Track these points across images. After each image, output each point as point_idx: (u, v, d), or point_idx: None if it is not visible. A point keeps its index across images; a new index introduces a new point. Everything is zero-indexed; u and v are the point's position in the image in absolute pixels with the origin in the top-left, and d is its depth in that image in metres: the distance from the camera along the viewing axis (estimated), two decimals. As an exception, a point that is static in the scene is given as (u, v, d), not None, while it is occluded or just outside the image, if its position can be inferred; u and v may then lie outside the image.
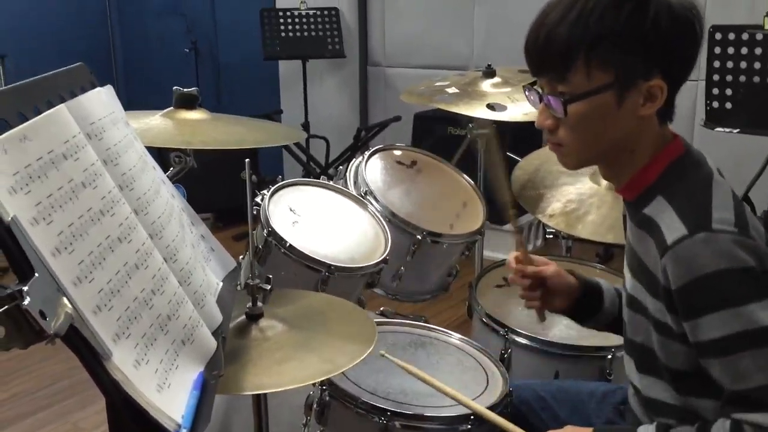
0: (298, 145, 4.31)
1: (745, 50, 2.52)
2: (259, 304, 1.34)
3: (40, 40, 4.99)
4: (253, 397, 1.42)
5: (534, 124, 1.24)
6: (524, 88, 1.26)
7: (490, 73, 2.38)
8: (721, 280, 1.06)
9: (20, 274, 0.76)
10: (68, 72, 1.09)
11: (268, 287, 1.35)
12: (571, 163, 1.24)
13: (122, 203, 0.98)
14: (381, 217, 2.01)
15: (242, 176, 1.36)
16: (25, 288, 0.73)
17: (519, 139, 3.00)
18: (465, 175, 2.32)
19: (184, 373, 0.98)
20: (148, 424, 0.85)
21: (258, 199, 1.84)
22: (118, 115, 1.13)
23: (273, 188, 1.92)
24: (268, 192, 1.88)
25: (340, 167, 2.22)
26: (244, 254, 1.80)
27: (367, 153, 2.21)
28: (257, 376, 1.20)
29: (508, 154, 2.49)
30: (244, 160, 1.37)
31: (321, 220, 1.95)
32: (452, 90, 2.34)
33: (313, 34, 4.49)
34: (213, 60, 5.29)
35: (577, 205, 2.06)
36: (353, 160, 2.19)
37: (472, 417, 1.39)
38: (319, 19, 4.49)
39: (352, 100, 4.75)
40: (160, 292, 0.99)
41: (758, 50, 2.49)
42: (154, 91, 4.95)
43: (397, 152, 2.30)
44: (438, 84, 2.41)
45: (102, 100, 1.09)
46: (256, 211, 1.82)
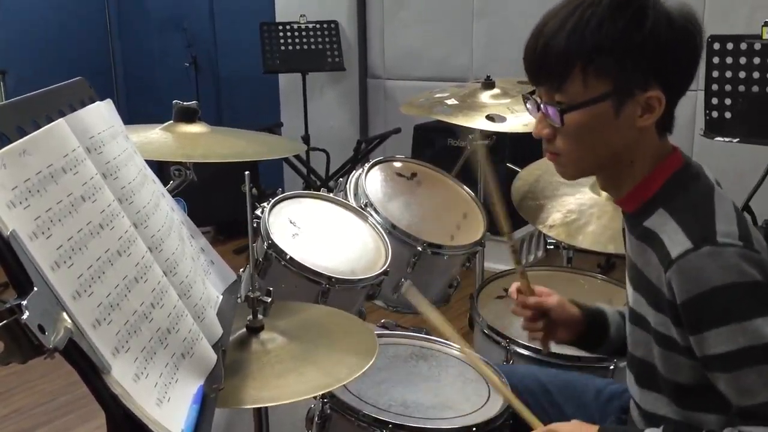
0: (299, 158, 4.31)
1: (743, 60, 2.51)
2: (260, 316, 1.34)
3: (41, 55, 5.01)
4: (254, 411, 1.41)
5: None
6: (523, 98, 1.26)
7: (489, 84, 2.39)
8: (728, 295, 1.05)
9: (19, 288, 0.76)
10: (68, 86, 1.09)
11: (269, 300, 1.35)
12: (569, 173, 1.24)
13: (122, 217, 0.98)
14: (381, 229, 2.00)
15: (242, 189, 1.36)
16: (24, 302, 0.73)
17: (519, 149, 3.01)
18: (465, 187, 2.32)
19: (184, 386, 0.98)
20: (148, 439, 0.85)
21: (258, 212, 1.84)
22: (118, 129, 1.13)
23: (273, 201, 1.92)
24: (268, 204, 1.88)
25: (341, 179, 2.21)
26: (245, 267, 1.79)
27: (367, 165, 2.20)
28: (258, 389, 1.19)
29: (509, 165, 2.49)
30: (244, 173, 1.36)
31: (321, 233, 1.95)
32: (452, 102, 2.34)
33: (313, 47, 4.50)
34: (213, 74, 5.31)
35: (578, 215, 2.05)
36: (353, 172, 2.18)
37: (474, 429, 1.39)
38: (318, 33, 4.50)
39: (352, 112, 4.76)
40: (160, 306, 0.98)
41: (757, 60, 2.49)
42: (155, 104, 5.01)
43: (397, 164, 2.30)
44: (438, 96, 2.42)
45: (101, 114, 1.09)
46: (257, 224, 1.81)
